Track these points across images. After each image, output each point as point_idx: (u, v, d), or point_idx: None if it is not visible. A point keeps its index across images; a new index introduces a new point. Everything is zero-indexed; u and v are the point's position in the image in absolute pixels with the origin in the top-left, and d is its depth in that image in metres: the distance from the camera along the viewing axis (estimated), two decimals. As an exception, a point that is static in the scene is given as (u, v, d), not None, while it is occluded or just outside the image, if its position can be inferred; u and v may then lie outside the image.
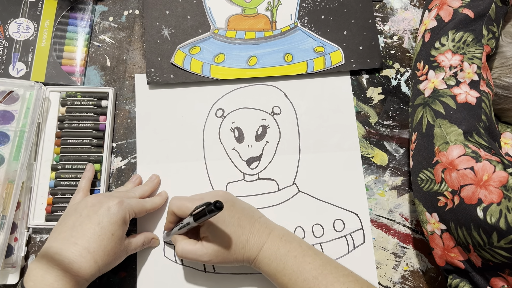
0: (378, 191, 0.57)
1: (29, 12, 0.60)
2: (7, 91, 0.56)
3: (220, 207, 0.41)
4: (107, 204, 0.47)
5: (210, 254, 0.46)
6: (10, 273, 0.52)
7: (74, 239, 0.45)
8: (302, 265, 0.46)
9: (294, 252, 0.47)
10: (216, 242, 0.46)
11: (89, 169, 0.54)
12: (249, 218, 0.48)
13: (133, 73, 0.60)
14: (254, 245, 0.47)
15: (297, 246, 0.47)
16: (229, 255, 0.47)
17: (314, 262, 0.46)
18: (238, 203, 0.49)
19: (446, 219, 0.46)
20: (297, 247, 0.47)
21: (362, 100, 0.60)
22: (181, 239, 0.49)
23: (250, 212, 0.49)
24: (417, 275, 0.55)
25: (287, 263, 0.46)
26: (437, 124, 0.48)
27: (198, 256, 0.47)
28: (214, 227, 0.46)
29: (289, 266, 0.46)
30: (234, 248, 0.47)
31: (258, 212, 0.51)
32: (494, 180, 0.42)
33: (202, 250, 0.47)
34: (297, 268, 0.46)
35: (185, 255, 0.47)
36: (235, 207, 0.48)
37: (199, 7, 0.61)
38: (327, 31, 0.61)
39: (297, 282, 0.45)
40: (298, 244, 0.48)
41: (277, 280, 0.47)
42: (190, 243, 0.48)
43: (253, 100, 0.59)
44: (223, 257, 0.47)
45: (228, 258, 0.47)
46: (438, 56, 0.51)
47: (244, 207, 0.50)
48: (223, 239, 0.46)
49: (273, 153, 0.58)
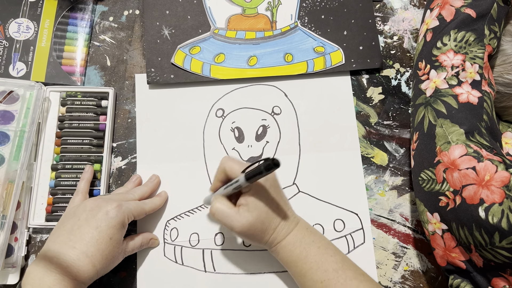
0: (378, 191, 0.57)
1: (29, 12, 0.60)
2: (7, 91, 0.56)
3: (278, 164, 0.38)
4: (105, 208, 0.47)
5: (243, 224, 0.45)
6: (10, 273, 0.52)
7: (72, 242, 0.45)
8: (324, 256, 0.46)
9: (318, 243, 0.47)
10: (253, 214, 0.45)
11: (88, 171, 0.54)
12: (286, 203, 0.49)
13: (133, 73, 0.60)
14: (283, 229, 0.47)
15: (321, 238, 0.48)
16: (259, 232, 0.46)
17: (336, 256, 0.47)
18: (280, 186, 0.49)
19: (448, 219, 0.45)
20: (321, 239, 0.48)
21: (362, 100, 0.60)
22: (220, 199, 0.47)
23: (286, 199, 0.50)
24: (417, 275, 0.55)
25: (310, 252, 0.47)
26: (438, 123, 0.48)
27: (230, 221, 0.45)
28: (257, 198, 0.45)
29: (311, 255, 0.46)
30: (266, 226, 0.46)
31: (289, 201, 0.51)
32: (496, 180, 0.42)
33: (237, 217, 0.45)
34: (319, 258, 0.46)
35: (218, 215, 0.46)
36: (279, 190, 0.48)
37: (199, 7, 0.61)
38: (327, 31, 0.61)
39: (317, 272, 0.46)
40: (321, 237, 0.49)
41: (297, 267, 0.47)
42: (228, 206, 0.46)
43: (253, 100, 0.59)
44: (253, 232, 0.46)
45: (257, 234, 0.46)
46: (440, 56, 0.51)
47: (283, 193, 0.49)
48: (262, 212, 0.45)
49: (273, 153, 0.58)
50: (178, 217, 0.55)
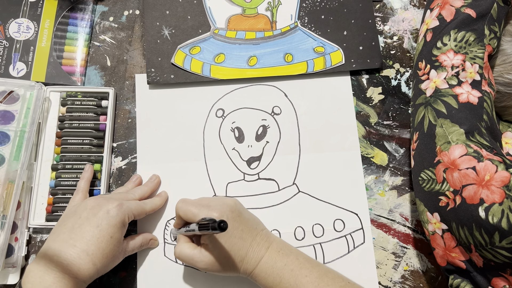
0: (378, 191, 0.57)
1: (29, 12, 0.60)
2: (7, 91, 0.56)
3: (224, 227, 0.39)
4: (106, 207, 0.47)
5: (207, 262, 0.46)
6: (11, 273, 0.52)
7: (72, 241, 0.45)
8: (298, 278, 0.45)
9: (291, 266, 0.46)
10: (214, 252, 0.46)
11: (88, 170, 0.54)
12: (252, 231, 0.48)
13: (133, 73, 0.60)
14: (252, 259, 0.46)
15: (294, 259, 0.47)
16: (226, 266, 0.46)
17: (311, 275, 0.46)
18: (244, 214, 0.48)
19: (448, 219, 0.46)
20: (294, 260, 0.47)
21: (362, 100, 0.60)
22: (183, 241, 0.48)
23: (254, 224, 0.48)
24: (417, 275, 0.55)
25: (284, 277, 0.46)
26: (438, 123, 0.48)
27: (194, 262, 0.47)
28: (215, 237, 0.46)
29: (285, 279, 0.46)
30: (232, 261, 0.46)
31: (261, 224, 0.50)
32: (496, 180, 0.42)
33: (200, 257, 0.46)
34: (294, 281, 0.45)
35: (182, 257, 0.47)
36: (241, 218, 0.47)
37: (199, 7, 0.61)
38: (327, 31, 0.61)
39: None
40: (295, 257, 0.47)
41: None
42: (190, 247, 0.47)
43: (253, 100, 0.59)
44: (220, 268, 0.46)
45: (225, 269, 0.47)
46: (440, 56, 0.51)
47: (249, 219, 0.49)
48: (223, 250, 0.46)
49: (273, 153, 0.58)
50: (178, 217, 0.55)
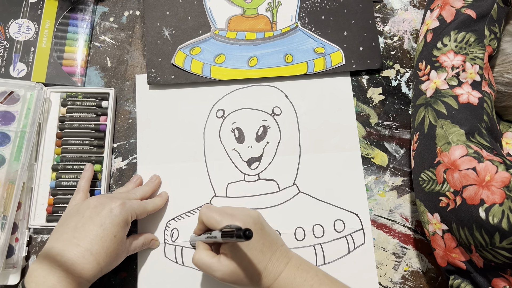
0: (378, 192, 0.58)
1: (29, 13, 0.60)
2: (8, 92, 0.56)
3: (249, 236, 0.39)
4: (109, 206, 0.47)
5: (224, 272, 0.45)
6: (11, 274, 0.52)
7: (76, 240, 0.44)
8: None
9: (310, 281, 0.45)
10: (233, 263, 0.44)
11: (88, 169, 0.54)
12: (272, 245, 0.47)
13: (133, 73, 0.60)
14: (271, 273, 0.45)
15: (314, 275, 0.46)
16: (243, 278, 0.45)
17: None
18: (266, 228, 0.47)
19: (448, 219, 0.46)
20: (313, 276, 0.46)
21: (362, 100, 0.60)
22: (202, 248, 0.47)
23: (274, 239, 0.47)
24: (417, 275, 0.55)
25: None
26: (439, 124, 0.48)
27: (212, 270, 0.45)
28: (237, 247, 0.45)
29: None
30: (250, 273, 0.45)
31: (280, 239, 0.49)
32: (496, 181, 0.42)
33: (218, 266, 0.45)
34: None
35: (200, 264, 0.46)
36: (263, 232, 0.46)
37: (200, 8, 0.61)
38: (328, 31, 0.61)
39: None
40: (314, 273, 0.46)
41: None
42: (208, 255, 0.46)
43: (253, 100, 0.59)
44: (237, 279, 0.45)
45: (242, 281, 0.45)
46: (440, 57, 0.51)
47: (270, 233, 0.48)
48: (242, 261, 0.45)
49: (273, 154, 0.58)
50: (178, 218, 0.55)
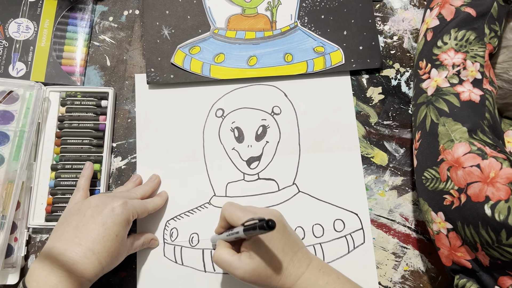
0: (378, 191, 0.57)
1: (29, 12, 0.60)
2: (7, 91, 0.56)
3: (273, 226, 0.38)
4: (111, 205, 0.46)
5: (245, 270, 0.44)
6: (10, 273, 0.52)
7: (78, 239, 0.44)
8: None
9: (332, 284, 0.45)
10: (254, 261, 0.44)
11: (88, 167, 0.54)
12: (293, 246, 0.46)
13: (133, 73, 0.60)
14: (292, 274, 0.45)
15: (336, 278, 0.46)
16: (264, 278, 0.44)
17: None
18: (288, 228, 0.47)
19: (453, 218, 0.45)
20: (335, 279, 0.45)
21: (362, 100, 0.60)
22: (222, 246, 0.47)
23: (296, 239, 0.47)
24: (417, 275, 0.55)
25: None
26: (441, 122, 0.48)
27: (232, 268, 0.44)
28: (259, 245, 0.44)
29: None
30: (270, 272, 0.44)
31: (301, 241, 0.49)
32: (501, 177, 0.42)
33: (238, 263, 0.44)
34: None
35: (220, 262, 0.46)
36: (284, 231, 0.46)
37: (199, 7, 0.61)
38: (327, 31, 0.61)
39: None
40: (336, 276, 0.46)
41: None
42: (229, 253, 0.45)
43: (253, 100, 0.59)
44: (257, 278, 0.44)
45: (262, 280, 0.44)
46: (441, 55, 0.51)
47: (291, 234, 0.47)
48: (264, 260, 0.44)
49: (273, 153, 0.58)
50: (178, 217, 0.55)
